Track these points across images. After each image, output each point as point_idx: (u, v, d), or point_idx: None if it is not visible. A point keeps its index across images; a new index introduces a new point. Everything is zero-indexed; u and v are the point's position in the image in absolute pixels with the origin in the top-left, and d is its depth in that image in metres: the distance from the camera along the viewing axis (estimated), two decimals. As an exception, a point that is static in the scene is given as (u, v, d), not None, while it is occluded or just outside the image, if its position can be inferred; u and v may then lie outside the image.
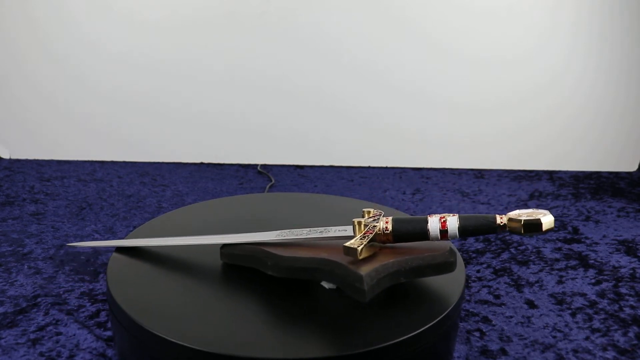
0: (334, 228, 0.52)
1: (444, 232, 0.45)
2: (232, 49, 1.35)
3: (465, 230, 0.45)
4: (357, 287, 0.43)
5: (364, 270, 0.43)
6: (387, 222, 0.47)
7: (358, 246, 0.44)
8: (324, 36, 1.36)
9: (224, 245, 0.57)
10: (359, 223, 0.47)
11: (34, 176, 1.26)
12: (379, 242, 0.48)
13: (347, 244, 0.45)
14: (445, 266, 0.47)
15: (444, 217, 0.46)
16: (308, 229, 0.53)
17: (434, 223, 0.46)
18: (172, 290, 0.50)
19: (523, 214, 0.43)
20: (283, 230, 0.55)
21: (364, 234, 0.46)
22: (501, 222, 0.44)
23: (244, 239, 0.55)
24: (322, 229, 0.52)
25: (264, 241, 0.54)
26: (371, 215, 0.50)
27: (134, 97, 1.38)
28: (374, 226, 0.47)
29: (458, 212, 1.08)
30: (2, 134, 1.40)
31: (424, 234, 0.46)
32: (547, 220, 0.42)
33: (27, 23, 1.31)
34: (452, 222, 0.45)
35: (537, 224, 0.42)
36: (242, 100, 1.40)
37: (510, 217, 0.43)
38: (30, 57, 1.34)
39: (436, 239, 0.46)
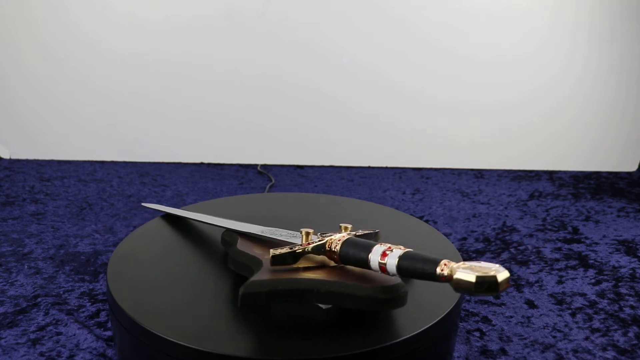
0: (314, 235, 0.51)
1: (383, 264, 0.40)
2: (232, 50, 1.36)
3: (402, 270, 0.39)
4: (239, 291, 0.42)
5: (258, 277, 0.43)
6: (339, 241, 0.44)
7: (272, 254, 0.43)
8: (324, 37, 1.36)
9: (226, 230, 0.59)
10: (307, 234, 0.46)
11: (34, 176, 1.26)
12: (330, 260, 0.45)
13: (272, 249, 0.44)
14: (370, 302, 0.41)
15: (390, 248, 0.40)
16: (288, 232, 0.54)
17: (374, 254, 0.41)
18: (172, 290, 0.50)
19: (475, 268, 0.34)
20: (271, 228, 0.56)
21: (300, 245, 0.45)
22: (441, 272, 0.37)
23: (239, 227, 0.58)
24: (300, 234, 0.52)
25: (245, 231, 0.56)
26: (348, 231, 0.48)
27: (134, 98, 1.38)
28: (320, 240, 0.45)
29: (458, 212, 1.09)
30: (2, 134, 1.40)
31: (365, 262, 0.41)
32: (483, 280, 0.33)
33: (27, 24, 1.31)
34: (392, 257, 0.39)
35: (467, 283, 0.34)
36: (243, 101, 1.40)
37: (452, 268, 0.36)
38: (30, 58, 1.34)
39: (377, 270, 0.41)
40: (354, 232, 0.49)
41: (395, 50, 1.37)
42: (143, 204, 0.78)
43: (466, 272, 0.34)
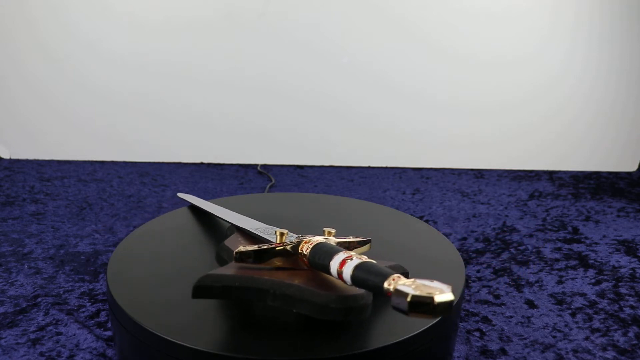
0: (293, 235, 0.51)
1: (340, 273, 0.39)
2: (232, 50, 1.36)
3: (355, 280, 0.37)
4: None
5: (218, 271, 0.43)
6: (311, 244, 0.43)
7: (236, 251, 0.43)
8: (324, 37, 1.36)
9: (230, 227, 0.61)
10: (282, 234, 0.45)
11: (34, 176, 1.26)
12: (302, 263, 0.44)
13: (242, 246, 0.44)
14: (322, 310, 0.40)
15: (351, 257, 0.39)
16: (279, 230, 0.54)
17: (335, 261, 0.39)
18: (173, 290, 0.50)
19: (419, 287, 0.32)
20: (268, 226, 0.57)
21: (271, 245, 0.44)
22: (388, 287, 0.34)
23: (239, 222, 0.60)
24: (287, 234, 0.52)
25: (241, 227, 0.57)
26: (332, 235, 0.47)
27: (134, 98, 1.38)
28: (291, 242, 0.44)
29: (458, 212, 1.08)
30: (2, 134, 1.40)
31: (328, 269, 0.40)
32: (418, 300, 0.31)
33: (27, 24, 1.31)
34: (349, 266, 0.38)
35: (402, 301, 0.31)
36: (243, 101, 1.40)
37: (396, 285, 0.33)
38: (30, 58, 1.34)
39: (337, 278, 0.40)
40: (337, 238, 0.48)
41: (395, 50, 1.37)
42: (179, 194, 0.80)
43: (405, 288, 0.31)
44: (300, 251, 0.43)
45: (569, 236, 0.97)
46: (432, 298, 0.30)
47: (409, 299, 0.31)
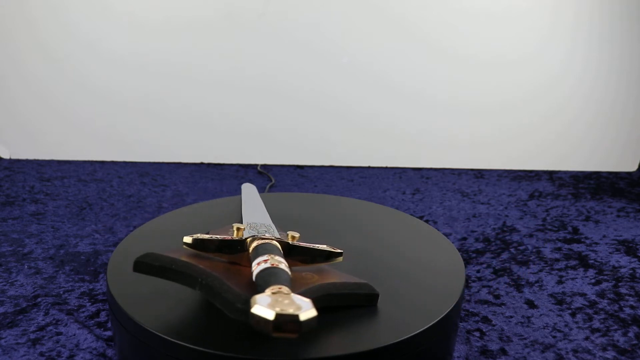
0: (278, 233, 0.51)
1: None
2: (232, 50, 1.36)
3: (257, 284, 0.37)
4: None
5: (163, 252, 0.44)
6: (259, 244, 0.43)
7: (185, 237, 0.44)
8: (324, 37, 1.36)
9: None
10: (238, 229, 0.45)
11: (34, 176, 1.26)
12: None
13: (200, 234, 0.46)
14: (231, 308, 0.40)
15: (267, 261, 0.38)
16: (274, 230, 0.54)
17: (255, 262, 0.39)
18: (173, 289, 0.50)
19: (275, 302, 0.30)
20: (264, 223, 0.57)
21: (223, 238, 0.44)
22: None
23: (247, 214, 0.60)
24: (275, 230, 0.52)
25: (245, 219, 0.58)
26: (296, 240, 0.46)
27: (134, 98, 1.38)
28: (240, 238, 0.44)
29: (458, 212, 1.09)
30: (2, 134, 1.40)
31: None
32: (257, 317, 0.29)
33: (27, 24, 1.31)
34: (257, 269, 0.38)
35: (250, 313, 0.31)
36: (243, 101, 1.40)
37: (262, 295, 0.32)
38: (30, 58, 1.34)
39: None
40: (306, 244, 0.47)
41: (395, 50, 1.37)
42: (243, 185, 0.80)
43: (260, 299, 0.31)
44: (248, 248, 0.44)
45: (569, 236, 0.97)
46: (267, 317, 0.29)
47: (252, 309, 0.30)
